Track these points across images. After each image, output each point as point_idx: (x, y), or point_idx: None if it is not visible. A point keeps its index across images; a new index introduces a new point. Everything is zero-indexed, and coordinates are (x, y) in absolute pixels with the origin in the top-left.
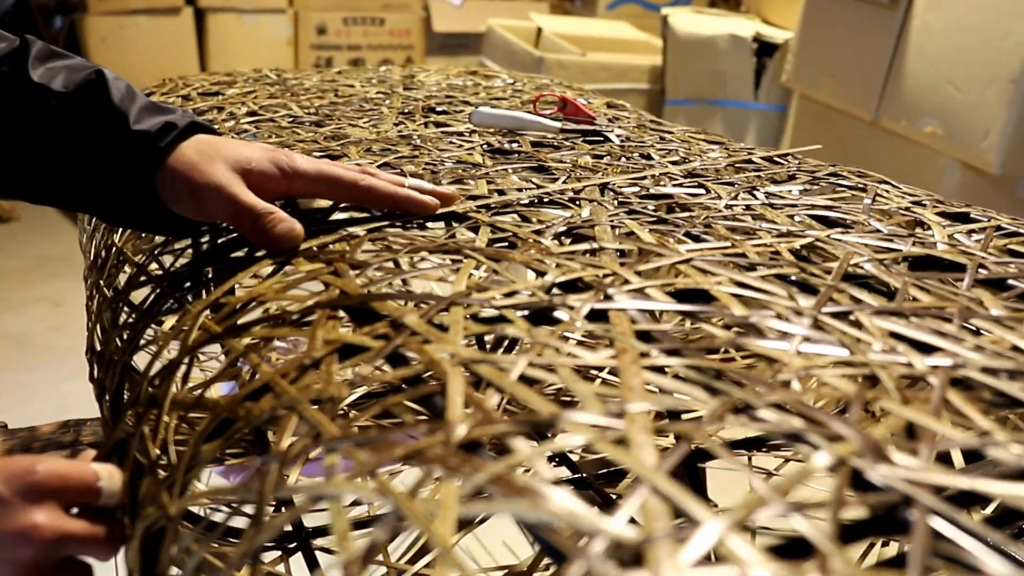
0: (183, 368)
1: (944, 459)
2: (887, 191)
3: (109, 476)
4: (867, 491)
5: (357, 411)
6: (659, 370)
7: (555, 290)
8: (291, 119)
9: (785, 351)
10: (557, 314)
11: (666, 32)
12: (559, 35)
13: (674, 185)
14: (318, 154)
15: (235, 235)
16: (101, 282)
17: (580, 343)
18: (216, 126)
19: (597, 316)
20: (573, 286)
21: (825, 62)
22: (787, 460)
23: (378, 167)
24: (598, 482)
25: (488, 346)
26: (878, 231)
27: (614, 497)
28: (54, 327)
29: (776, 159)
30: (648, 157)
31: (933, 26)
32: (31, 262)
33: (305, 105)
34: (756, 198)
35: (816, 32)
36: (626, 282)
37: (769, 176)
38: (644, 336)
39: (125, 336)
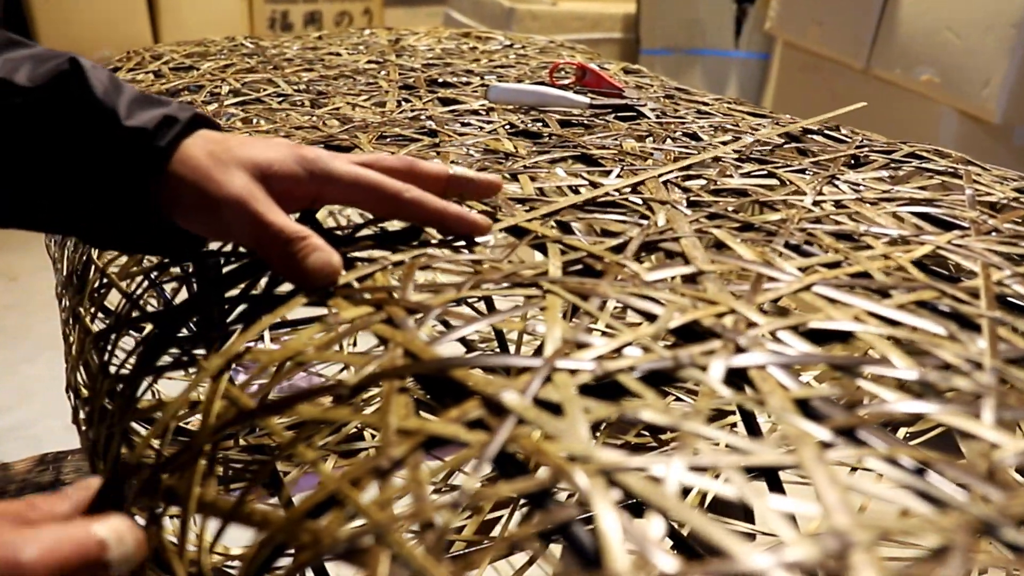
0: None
1: None
2: (979, 175)
3: (118, 540)
4: None
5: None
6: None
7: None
8: (281, 98)
9: (979, 421)
10: (681, 375)
11: None
12: None
13: (741, 175)
14: (320, 144)
15: (248, 257)
16: (81, 310)
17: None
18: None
19: (731, 375)
20: (688, 331)
21: (811, 7)
22: None
23: None
24: None
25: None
26: (997, 231)
27: None
28: (9, 305)
29: (834, 134)
30: (696, 137)
31: None
32: None
33: (293, 80)
34: (841, 190)
35: None
36: (751, 324)
37: (840, 159)
38: (802, 406)
39: (119, 389)
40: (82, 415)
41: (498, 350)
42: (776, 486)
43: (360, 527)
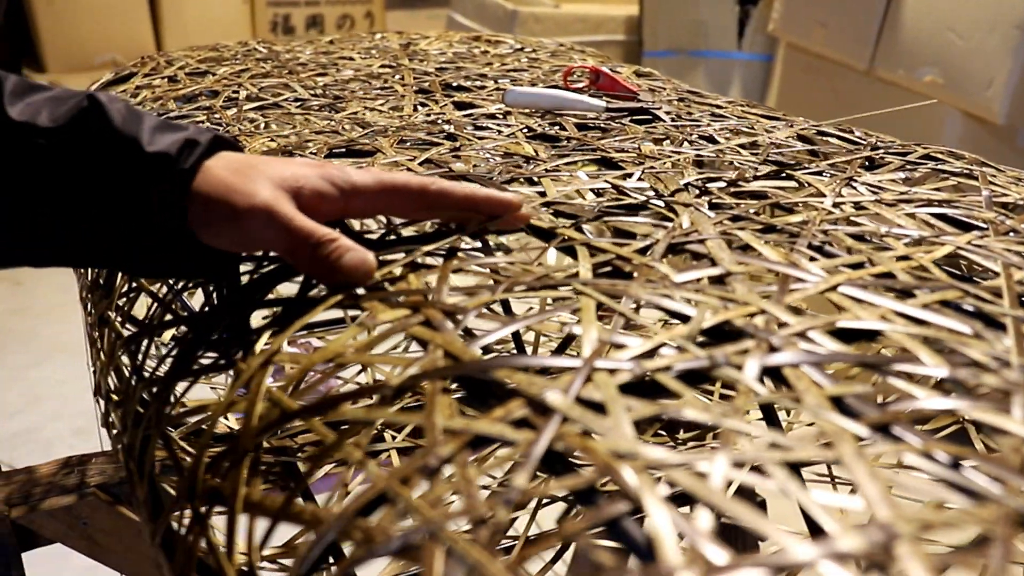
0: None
1: None
2: (994, 176)
3: None
4: None
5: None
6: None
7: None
8: (298, 103)
9: (1010, 417)
10: (717, 374)
11: None
12: None
13: (759, 177)
14: (342, 149)
15: (278, 262)
16: (110, 314)
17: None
18: (218, 115)
19: (765, 373)
20: (720, 331)
21: (815, 9)
22: None
23: (419, 164)
24: None
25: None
26: (1015, 231)
27: None
28: (15, 309)
29: (847, 136)
30: (712, 140)
31: None
32: None
33: (309, 85)
34: (859, 192)
35: None
36: (781, 324)
37: (856, 161)
38: (837, 403)
39: (154, 391)
40: (113, 418)
41: (515, 351)
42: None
43: (413, 524)
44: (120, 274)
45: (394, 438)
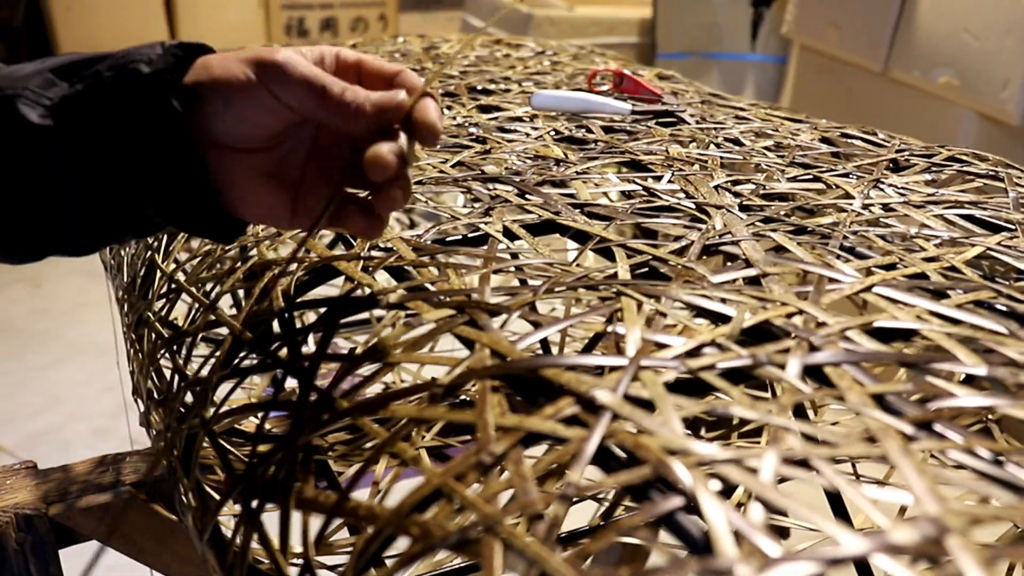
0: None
1: None
2: (1019, 177)
3: None
4: None
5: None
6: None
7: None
8: None
9: None
10: (759, 372)
11: None
12: None
13: (787, 180)
14: None
15: (314, 266)
16: (150, 314)
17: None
18: None
19: (807, 373)
20: (757, 331)
21: (828, 10)
22: None
23: (451, 167)
24: None
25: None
26: None
27: None
28: (34, 310)
29: (871, 138)
30: (738, 142)
31: None
32: None
33: None
34: (887, 194)
35: None
36: (820, 324)
37: (882, 163)
38: (879, 401)
39: (197, 391)
40: (153, 418)
41: (540, 352)
42: None
43: (470, 519)
44: (159, 275)
45: (422, 437)
